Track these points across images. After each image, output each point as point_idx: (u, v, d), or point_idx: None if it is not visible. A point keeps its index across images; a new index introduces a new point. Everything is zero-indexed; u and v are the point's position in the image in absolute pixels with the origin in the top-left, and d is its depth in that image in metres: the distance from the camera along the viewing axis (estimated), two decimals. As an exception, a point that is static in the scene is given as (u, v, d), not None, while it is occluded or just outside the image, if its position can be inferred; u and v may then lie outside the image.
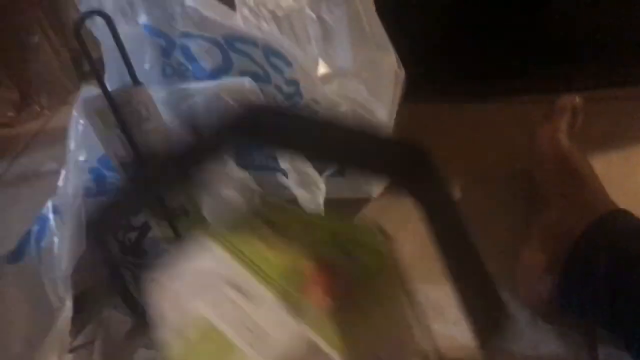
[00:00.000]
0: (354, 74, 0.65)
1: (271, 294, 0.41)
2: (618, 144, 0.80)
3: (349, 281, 0.41)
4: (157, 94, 0.73)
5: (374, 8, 0.66)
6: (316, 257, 0.42)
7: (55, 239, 0.66)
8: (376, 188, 0.76)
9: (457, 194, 0.78)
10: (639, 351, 0.55)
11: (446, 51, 0.91)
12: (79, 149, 0.62)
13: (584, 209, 0.61)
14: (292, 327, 0.40)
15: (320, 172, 0.65)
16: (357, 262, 0.42)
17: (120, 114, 0.60)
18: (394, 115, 0.76)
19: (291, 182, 0.61)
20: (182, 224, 0.66)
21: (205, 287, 0.42)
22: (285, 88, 0.64)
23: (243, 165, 0.77)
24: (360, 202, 0.79)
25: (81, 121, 0.60)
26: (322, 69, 0.63)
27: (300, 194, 0.62)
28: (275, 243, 0.44)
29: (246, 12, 0.62)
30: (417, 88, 0.82)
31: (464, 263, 0.37)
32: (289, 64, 0.61)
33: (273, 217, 0.46)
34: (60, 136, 0.70)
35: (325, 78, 0.64)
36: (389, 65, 0.71)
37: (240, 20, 0.62)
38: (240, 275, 0.42)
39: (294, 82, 0.63)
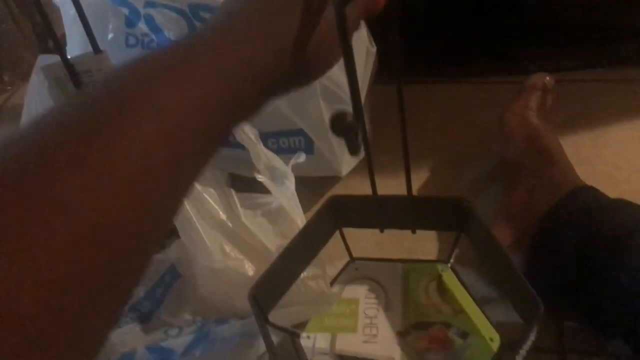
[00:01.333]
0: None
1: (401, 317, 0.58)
2: (588, 125, 0.80)
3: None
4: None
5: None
6: (444, 323, 0.58)
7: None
8: (345, 167, 0.75)
9: (427, 173, 0.78)
10: (601, 324, 0.55)
11: (421, 32, 0.90)
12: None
13: (552, 186, 0.61)
14: (394, 340, 0.56)
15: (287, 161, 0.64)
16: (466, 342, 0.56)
17: (79, 82, 0.58)
18: (366, 91, 0.75)
19: (263, 178, 0.61)
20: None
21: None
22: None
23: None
24: (330, 181, 0.78)
25: (39, 89, 0.58)
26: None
27: (272, 188, 0.61)
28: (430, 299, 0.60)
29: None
30: (390, 69, 0.81)
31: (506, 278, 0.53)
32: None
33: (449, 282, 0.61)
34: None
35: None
36: (360, 40, 0.69)
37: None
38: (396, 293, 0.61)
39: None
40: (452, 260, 0.63)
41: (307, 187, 0.72)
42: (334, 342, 0.58)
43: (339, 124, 0.39)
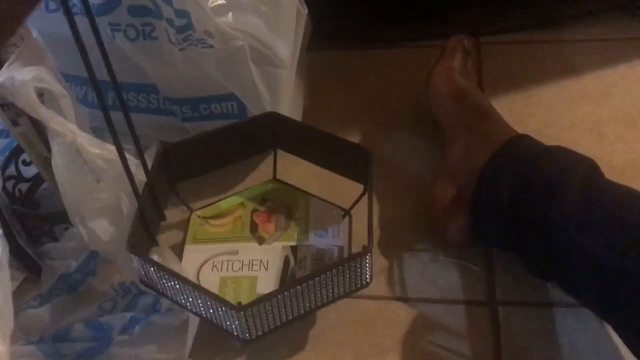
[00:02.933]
0: (250, 6, 0.62)
1: (242, 243, 0.65)
2: (521, 85, 0.81)
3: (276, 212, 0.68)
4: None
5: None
6: (251, 211, 0.68)
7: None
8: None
9: (366, 138, 0.78)
10: (537, 268, 0.57)
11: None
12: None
13: (487, 139, 0.62)
14: (265, 247, 0.64)
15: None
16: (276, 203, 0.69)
17: (-8, 47, 0.56)
18: (297, 55, 0.74)
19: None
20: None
21: (209, 264, 0.63)
22: (177, 20, 0.61)
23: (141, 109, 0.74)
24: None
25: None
26: (215, -1, 0.60)
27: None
28: (220, 223, 0.68)
29: None
30: (322, 33, 0.81)
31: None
32: (177, -9, 0.58)
33: (206, 214, 0.69)
34: None
35: (218, 9, 0.60)
36: (289, 2, 0.68)
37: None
38: (218, 247, 0.65)
39: (184, 14, 0.60)
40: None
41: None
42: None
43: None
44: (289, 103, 0.74)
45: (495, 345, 0.57)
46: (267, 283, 0.61)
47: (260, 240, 0.65)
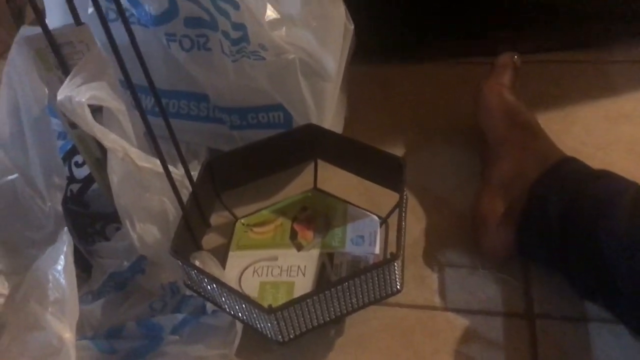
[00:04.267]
0: (302, 21, 0.65)
1: (282, 250, 0.67)
2: (556, 104, 0.83)
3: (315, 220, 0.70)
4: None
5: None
6: (292, 219, 0.70)
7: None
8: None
9: (405, 151, 0.80)
10: (583, 288, 0.58)
11: (394, 11, 0.91)
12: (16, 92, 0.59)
13: (539, 157, 0.64)
14: (303, 254, 0.66)
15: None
16: (316, 211, 0.71)
17: (60, 54, 0.59)
18: (343, 70, 0.76)
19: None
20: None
21: (250, 270, 0.66)
22: (232, 33, 0.63)
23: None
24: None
25: (19, 60, 0.58)
26: (270, 14, 0.63)
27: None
28: (263, 230, 0.70)
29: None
30: (365, 47, 0.83)
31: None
32: (236, 5, 0.60)
33: (251, 222, 0.71)
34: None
35: (273, 24, 0.63)
36: (338, 17, 0.71)
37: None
38: (259, 254, 0.67)
39: (241, 27, 0.62)
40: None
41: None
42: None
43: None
44: (332, 115, 0.76)
45: (532, 358, 0.58)
46: (303, 288, 0.63)
47: (299, 247, 0.67)
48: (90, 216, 0.72)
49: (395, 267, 0.56)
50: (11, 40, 0.60)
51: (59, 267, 0.49)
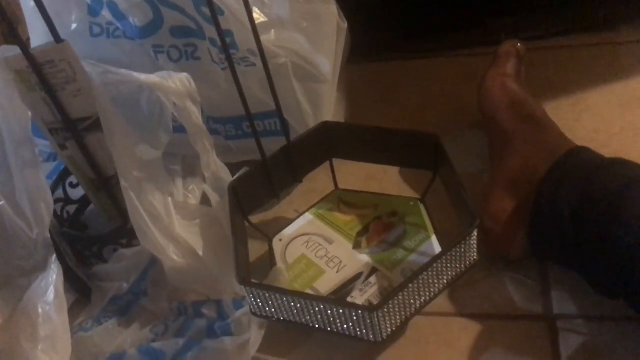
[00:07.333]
0: (292, 23, 0.62)
1: (344, 238, 0.66)
2: (565, 91, 0.79)
3: (394, 228, 0.66)
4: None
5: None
6: (376, 217, 0.68)
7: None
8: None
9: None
10: (602, 285, 0.55)
11: (391, 6, 0.89)
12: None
13: (548, 150, 0.60)
14: (353, 252, 0.64)
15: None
16: (401, 218, 0.67)
17: (42, 74, 0.56)
18: (339, 70, 0.73)
19: (208, 189, 0.64)
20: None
21: (305, 238, 0.67)
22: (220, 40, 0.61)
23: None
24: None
25: (1, 83, 0.56)
26: (257, 17, 0.60)
27: (213, 199, 0.63)
28: (349, 212, 0.69)
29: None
30: (362, 45, 0.80)
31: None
32: (220, 11, 0.58)
33: (348, 198, 0.71)
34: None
35: (262, 28, 0.60)
36: (330, 16, 0.68)
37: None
38: (325, 230, 0.67)
39: (227, 33, 0.60)
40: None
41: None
42: (317, 291, 0.61)
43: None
44: (331, 117, 0.73)
45: (555, 360, 0.55)
46: (327, 283, 0.61)
47: (357, 245, 0.65)
48: (86, 239, 0.70)
49: (475, 234, 0.55)
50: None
51: (50, 299, 0.47)
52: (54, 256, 0.52)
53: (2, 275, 0.53)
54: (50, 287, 0.48)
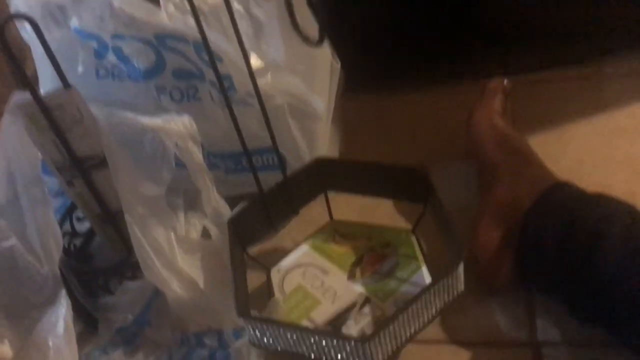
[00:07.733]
0: (287, 66, 0.66)
1: (338, 269, 0.68)
2: (551, 124, 0.82)
3: (386, 259, 0.68)
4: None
5: (304, 1, 0.67)
6: (370, 248, 0.70)
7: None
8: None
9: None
10: (584, 315, 0.58)
11: (381, 41, 0.92)
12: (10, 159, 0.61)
13: (533, 183, 0.64)
14: (348, 284, 0.66)
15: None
16: (393, 249, 0.69)
17: (51, 117, 0.60)
18: (332, 107, 0.77)
19: (209, 224, 0.67)
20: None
21: (302, 269, 0.69)
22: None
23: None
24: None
25: (13, 127, 0.59)
26: (254, 62, 0.64)
27: (214, 234, 0.67)
28: (343, 243, 0.71)
29: (171, 8, 0.62)
30: (354, 80, 0.84)
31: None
32: (219, 59, 0.61)
33: (342, 229, 0.74)
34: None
35: (259, 72, 0.64)
36: (323, 58, 0.72)
37: (165, 17, 0.62)
38: (320, 261, 0.70)
39: (226, 77, 0.63)
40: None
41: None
42: (313, 321, 0.64)
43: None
44: (325, 151, 0.76)
45: (540, 385, 0.58)
46: (323, 313, 0.64)
47: (351, 276, 0.67)
48: (92, 271, 0.73)
49: (461, 266, 0.57)
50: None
51: (59, 332, 0.50)
52: (64, 290, 0.55)
53: (14, 308, 0.55)
54: (60, 320, 0.51)
